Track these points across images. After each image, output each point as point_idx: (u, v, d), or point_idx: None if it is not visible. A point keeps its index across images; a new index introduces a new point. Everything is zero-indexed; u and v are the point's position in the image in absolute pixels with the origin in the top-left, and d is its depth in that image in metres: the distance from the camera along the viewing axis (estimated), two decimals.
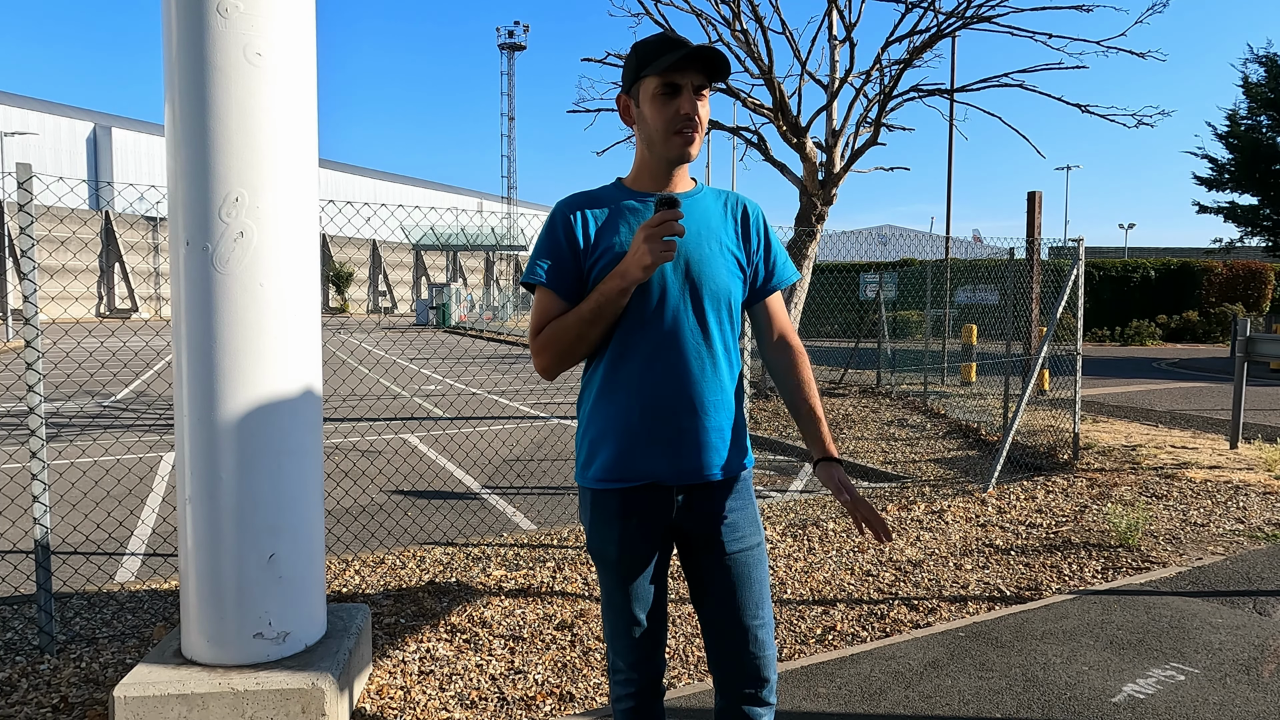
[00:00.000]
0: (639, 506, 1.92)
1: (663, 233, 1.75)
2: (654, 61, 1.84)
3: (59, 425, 10.02)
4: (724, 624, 1.95)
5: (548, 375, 1.94)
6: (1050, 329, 7.06)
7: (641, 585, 1.97)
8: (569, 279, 1.89)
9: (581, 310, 1.85)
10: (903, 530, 5.44)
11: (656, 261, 1.76)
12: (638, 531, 1.93)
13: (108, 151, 51.78)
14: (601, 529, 1.96)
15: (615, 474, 1.91)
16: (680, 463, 1.89)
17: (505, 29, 68.29)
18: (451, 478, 7.34)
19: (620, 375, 1.89)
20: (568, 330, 1.86)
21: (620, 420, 1.89)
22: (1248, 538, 5.30)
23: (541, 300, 1.92)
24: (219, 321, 2.78)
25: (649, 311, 1.87)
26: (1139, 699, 3.15)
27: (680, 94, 1.85)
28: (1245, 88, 25.95)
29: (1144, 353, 23.76)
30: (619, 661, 2.04)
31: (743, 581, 1.95)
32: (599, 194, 1.96)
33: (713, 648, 1.99)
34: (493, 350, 24.45)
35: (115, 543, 5.31)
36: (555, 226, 1.91)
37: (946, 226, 18.65)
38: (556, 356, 1.89)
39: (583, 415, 2.00)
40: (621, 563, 1.94)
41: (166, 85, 2.77)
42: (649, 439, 1.88)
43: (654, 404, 1.87)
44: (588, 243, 1.89)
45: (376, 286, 62.03)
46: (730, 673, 1.97)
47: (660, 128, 1.87)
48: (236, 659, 2.85)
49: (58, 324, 30.35)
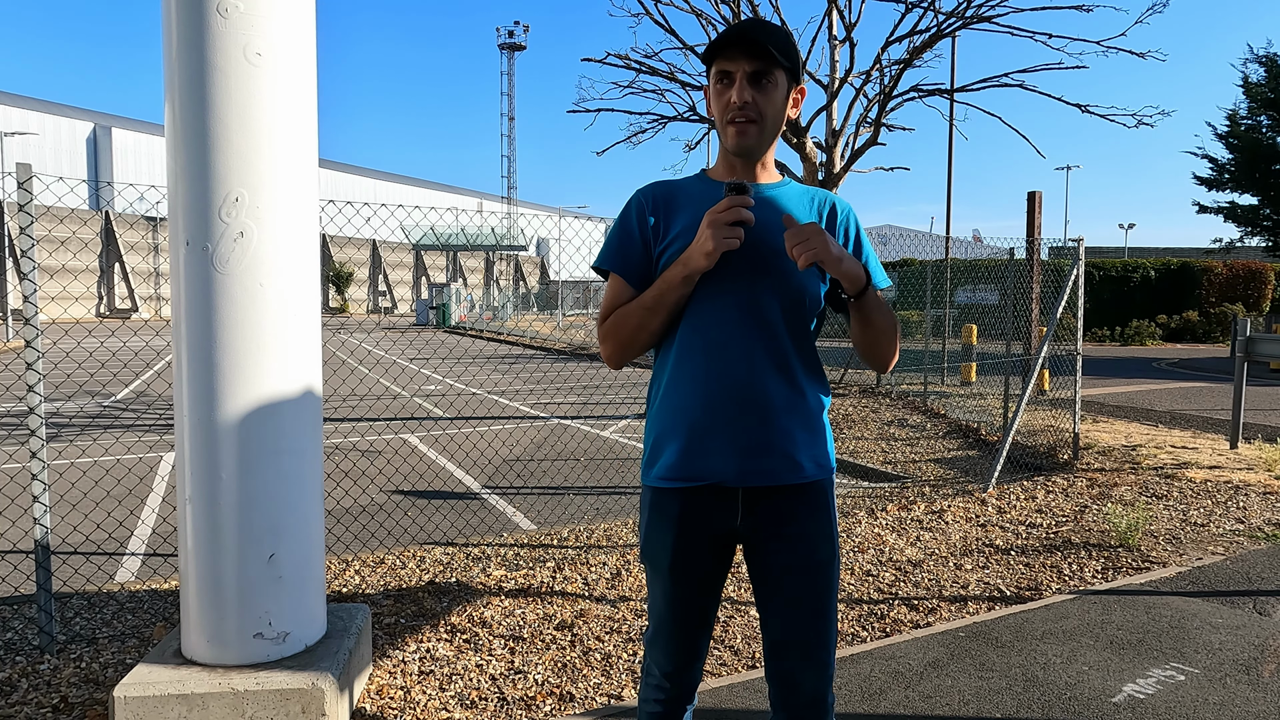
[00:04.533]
0: (700, 509, 1.82)
1: (729, 218, 1.67)
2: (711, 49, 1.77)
3: (59, 425, 10.02)
4: (783, 642, 1.86)
5: (612, 363, 1.87)
6: (1050, 329, 7.06)
7: (690, 595, 1.87)
8: (638, 266, 1.83)
9: (644, 298, 1.78)
10: (903, 530, 5.44)
11: (719, 248, 1.67)
12: (695, 537, 1.84)
13: (108, 151, 51.78)
14: (658, 531, 1.86)
15: (678, 473, 1.82)
16: (745, 464, 1.78)
17: (505, 29, 68.36)
18: (451, 478, 7.34)
19: (685, 369, 1.80)
20: (630, 318, 1.80)
21: (684, 417, 1.80)
22: (1248, 538, 5.29)
23: (611, 287, 1.86)
24: (219, 322, 2.78)
25: (717, 303, 1.78)
26: (1139, 699, 3.15)
27: (733, 82, 1.76)
28: (1245, 88, 25.96)
29: (1144, 353, 23.76)
30: (654, 668, 1.96)
31: (806, 598, 1.83)
32: (678, 183, 1.90)
33: (771, 663, 1.89)
34: (493, 350, 24.45)
35: (115, 543, 5.31)
36: (629, 213, 1.86)
37: (946, 226, 18.65)
38: (620, 345, 1.83)
39: (650, 412, 1.91)
40: (674, 568, 1.85)
41: (166, 85, 2.77)
42: (713, 438, 1.78)
43: (719, 401, 1.77)
44: (659, 230, 1.83)
45: (376, 286, 62.04)
46: (787, 691, 1.87)
47: (717, 118, 1.80)
48: (236, 659, 2.85)
49: (58, 324, 30.34)
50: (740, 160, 1.85)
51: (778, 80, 1.78)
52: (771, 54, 1.74)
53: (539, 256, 73.16)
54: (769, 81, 1.77)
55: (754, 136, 1.79)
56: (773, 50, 1.73)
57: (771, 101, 1.78)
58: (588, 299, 55.29)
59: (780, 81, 1.79)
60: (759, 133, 1.79)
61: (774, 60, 1.75)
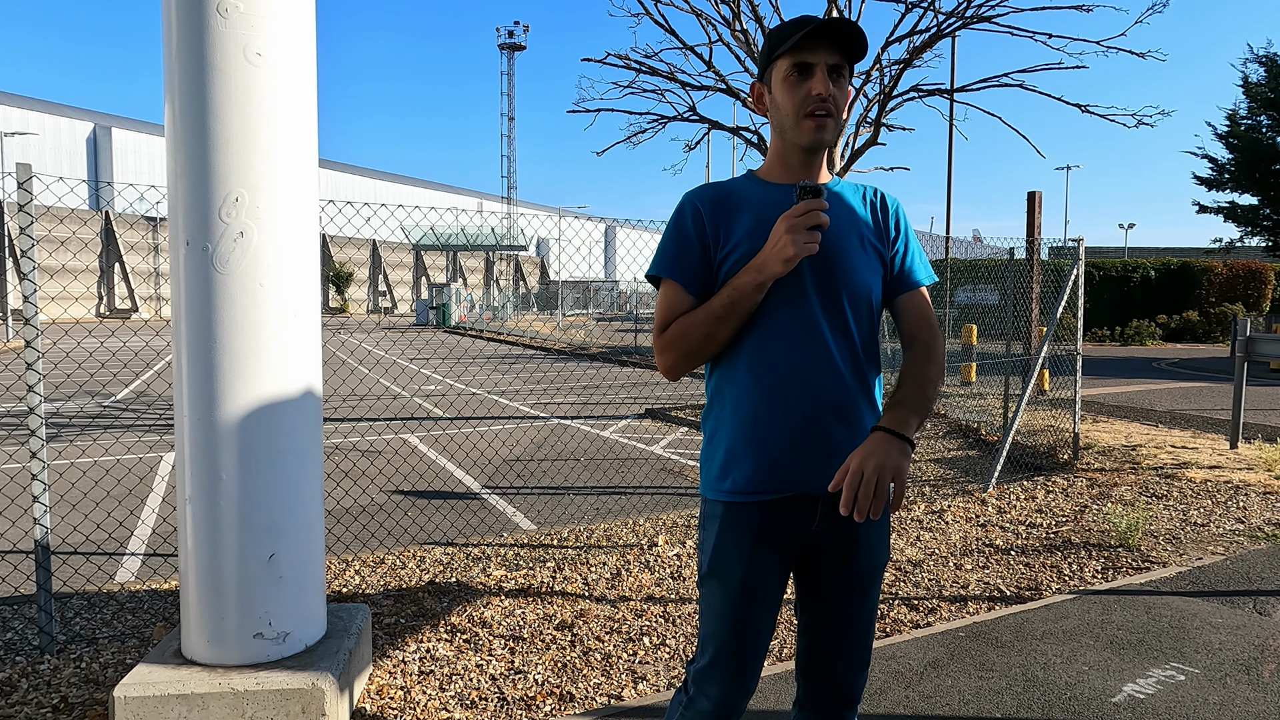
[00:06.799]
0: (780, 521, 1.77)
1: (806, 223, 1.62)
2: (786, 40, 1.71)
3: (59, 425, 10.01)
4: (830, 641, 1.85)
5: (672, 375, 1.79)
6: (1050, 329, 7.06)
7: (759, 613, 1.80)
8: (698, 272, 1.76)
9: (713, 306, 1.71)
10: (903, 530, 5.44)
11: (799, 254, 1.62)
12: (772, 549, 1.79)
13: (108, 151, 51.77)
14: (731, 545, 1.79)
15: (758, 485, 1.76)
16: (830, 471, 1.72)
17: (505, 29, 68.31)
18: (451, 478, 7.34)
19: (758, 380, 1.74)
20: (697, 327, 1.72)
21: (762, 428, 1.74)
22: (1248, 538, 5.30)
23: (667, 294, 1.78)
24: (219, 322, 2.78)
25: (786, 309, 1.72)
26: (1139, 699, 3.15)
27: (813, 74, 1.71)
28: (1245, 88, 25.95)
29: (1144, 353, 23.76)
30: (704, 701, 1.84)
31: (859, 600, 1.84)
32: (730, 185, 1.83)
33: (811, 660, 1.88)
34: (493, 350, 24.45)
35: (115, 543, 5.31)
36: (684, 217, 1.79)
37: (946, 226, 18.65)
38: (683, 355, 1.75)
39: (713, 422, 1.84)
40: (746, 583, 1.78)
41: (166, 85, 2.78)
42: (795, 447, 1.73)
43: (799, 410, 1.73)
44: (717, 235, 1.76)
45: (376, 286, 62.03)
46: (824, 689, 1.87)
47: (791, 111, 1.73)
48: (236, 659, 2.85)
49: (58, 324, 30.34)
50: (805, 157, 1.79)
51: (847, 76, 1.77)
52: (855, 48, 1.71)
53: (539, 256, 73.17)
54: (843, 76, 1.75)
55: (832, 131, 1.74)
56: (857, 42, 1.70)
57: (844, 96, 1.76)
58: (588, 299, 55.31)
59: (848, 77, 1.78)
60: (834, 127, 1.75)
61: (853, 55, 1.73)
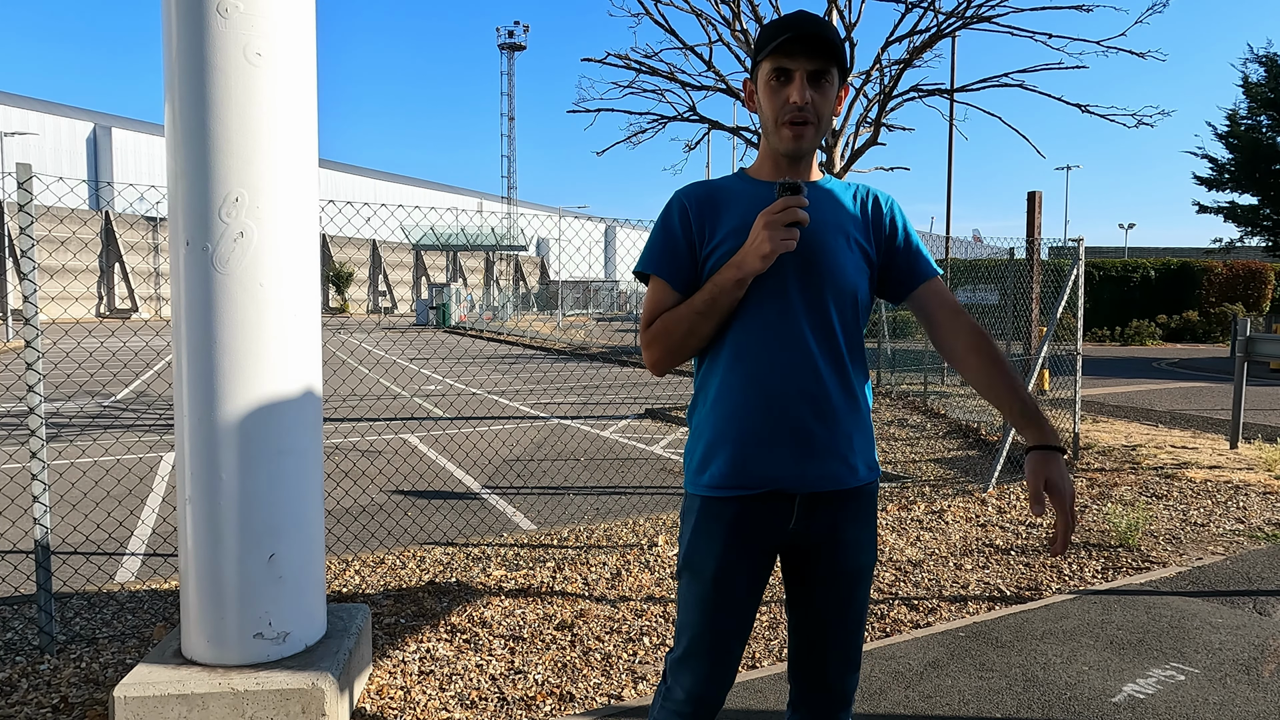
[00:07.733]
0: (756, 516, 1.77)
1: (784, 219, 1.62)
2: (767, 45, 1.70)
3: (59, 425, 10.01)
4: (819, 642, 1.85)
5: (657, 370, 1.82)
6: (1050, 329, 7.06)
7: (733, 608, 1.81)
8: (683, 269, 1.78)
9: (694, 302, 1.73)
10: (903, 530, 5.44)
11: (776, 250, 1.63)
12: (747, 545, 1.79)
13: (108, 151, 51.77)
14: (705, 539, 1.80)
15: (734, 480, 1.76)
16: (807, 469, 1.74)
17: (505, 29, 68.31)
18: (451, 478, 7.34)
19: (738, 375, 1.75)
20: (680, 323, 1.74)
21: (739, 423, 1.75)
22: (1248, 538, 5.30)
23: (654, 291, 1.81)
24: (219, 322, 2.78)
25: (768, 306, 1.73)
26: (1139, 699, 3.15)
27: (792, 80, 1.70)
28: (1245, 88, 25.96)
29: (1144, 353, 23.76)
30: (679, 690, 1.86)
31: (846, 601, 1.83)
32: (719, 183, 1.83)
33: (801, 661, 1.89)
34: (493, 350, 24.45)
35: (115, 543, 5.31)
36: (671, 214, 1.80)
37: (946, 226, 18.66)
38: (667, 350, 1.78)
39: (697, 418, 1.85)
40: (718, 577, 1.79)
41: (166, 85, 2.78)
42: (771, 442, 1.74)
43: (777, 406, 1.73)
44: (703, 232, 1.77)
45: (376, 286, 62.02)
46: (815, 689, 1.88)
47: (770, 117, 1.74)
48: (236, 659, 2.85)
49: (58, 324, 30.34)
50: (788, 160, 1.79)
51: (833, 79, 1.74)
52: (833, 53, 1.70)
53: (539, 256, 73.16)
54: (826, 81, 1.73)
55: (810, 139, 1.74)
56: (835, 49, 1.69)
57: (827, 101, 1.74)
58: (587, 299, 55.32)
59: (834, 80, 1.75)
60: (814, 134, 1.74)
61: (833, 59, 1.71)
